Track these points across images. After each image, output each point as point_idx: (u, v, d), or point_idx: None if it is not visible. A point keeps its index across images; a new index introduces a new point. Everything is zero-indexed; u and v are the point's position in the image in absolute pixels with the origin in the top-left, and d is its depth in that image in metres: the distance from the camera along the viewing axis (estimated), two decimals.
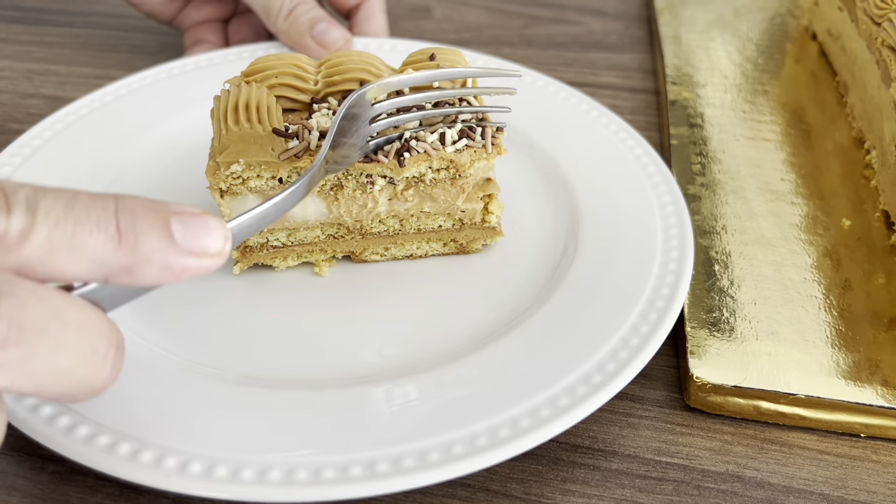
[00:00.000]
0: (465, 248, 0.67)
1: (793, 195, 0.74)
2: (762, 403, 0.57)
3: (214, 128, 0.61)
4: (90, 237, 0.37)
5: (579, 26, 1.05)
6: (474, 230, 0.66)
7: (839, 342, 0.60)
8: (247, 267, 0.65)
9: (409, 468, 0.47)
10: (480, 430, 0.50)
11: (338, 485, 0.47)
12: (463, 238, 0.66)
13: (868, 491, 0.53)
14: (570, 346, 0.56)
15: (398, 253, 0.66)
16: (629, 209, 0.68)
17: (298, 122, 0.61)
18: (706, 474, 0.54)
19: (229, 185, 0.60)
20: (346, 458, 0.48)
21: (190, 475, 0.47)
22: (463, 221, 0.65)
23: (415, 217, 0.64)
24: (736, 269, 0.66)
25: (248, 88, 0.62)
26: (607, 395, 0.52)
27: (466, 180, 0.63)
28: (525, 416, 0.51)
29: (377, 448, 0.49)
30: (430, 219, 0.65)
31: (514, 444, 0.49)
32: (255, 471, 0.47)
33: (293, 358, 0.58)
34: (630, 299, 0.59)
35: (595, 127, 0.77)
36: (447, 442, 0.49)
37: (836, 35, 0.90)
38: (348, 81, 0.64)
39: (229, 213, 0.62)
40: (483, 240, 0.67)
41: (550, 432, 0.50)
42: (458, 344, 0.59)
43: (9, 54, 0.95)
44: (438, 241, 0.66)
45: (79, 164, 0.71)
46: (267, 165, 0.59)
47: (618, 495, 0.53)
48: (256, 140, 0.59)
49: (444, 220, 0.65)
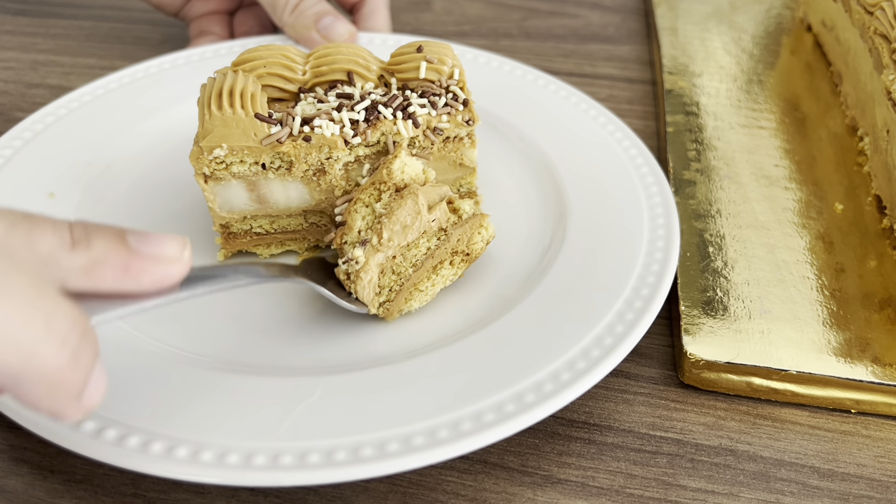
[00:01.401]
0: (468, 252, 0.62)
1: (787, 181, 0.75)
2: (754, 379, 0.58)
3: (199, 114, 0.61)
4: (44, 236, 0.39)
5: (577, 19, 1.07)
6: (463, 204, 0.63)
7: (831, 321, 0.61)
8: (230, 254, 0.66)
9: (419, 446, 0.48)
10: (487, 407, 0.51)
11: (324, 469, 0.47)
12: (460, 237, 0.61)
13: (858, 464, 0.55)
14: (567, 324, 0.57)
15: (422, 300, 0.61)
16: (615, 193, 0.69)
17: (283, 111, 0.62)
18: (699, 448, 0.55)
19: (213, 171, 0.61)
20: (359, 439, 0.49)
21: (176, 459, 0.48)
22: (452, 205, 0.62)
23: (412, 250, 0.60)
24: (730, 251, 0.67)
25: (235, 76, 0.63)
26: (607, 369, 0.53)
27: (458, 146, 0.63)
28: (529, 391, 0.52)
29: (387, 428, 0.50)
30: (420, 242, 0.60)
31: (519, 418, 0.50)
32: (241, 456, 0.48)
33: (277, 345, 0.59)
34: (623, 276, 0.60)
35: (575, 113, 0.78)
36: (454, 419, 0.50)
37: (830, 26, 0.91)
38: (336, 72, 0.65)
39: (213, 198, 0.63)
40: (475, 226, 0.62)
41: (553, 406, 0.51)
42: (456, 325, 0.60)
43: (14, 45, 0.96)
44: (441, 262, 0.61)
45: (77, 150, 0.72)
46: (249, 150, 0.60)
47: (612, 468, 0.54)
48: (239, 125, 0.60)
49: (429, 240, 0.61)
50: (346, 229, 0.59)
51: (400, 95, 0.63)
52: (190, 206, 0.70)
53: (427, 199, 0.59)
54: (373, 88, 0.65)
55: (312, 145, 0.60)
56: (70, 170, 0.70)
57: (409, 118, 0.62)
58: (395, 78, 0.65)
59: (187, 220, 0.69)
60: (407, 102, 0.62)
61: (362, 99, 0.63)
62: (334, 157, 0.61)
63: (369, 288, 0.57)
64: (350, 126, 0.61)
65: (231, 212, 0.64)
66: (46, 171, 0.70)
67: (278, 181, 0.63)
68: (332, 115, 0.61)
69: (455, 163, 0.66)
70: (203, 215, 0.68)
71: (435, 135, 0.63)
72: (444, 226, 0.60)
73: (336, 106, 0.62)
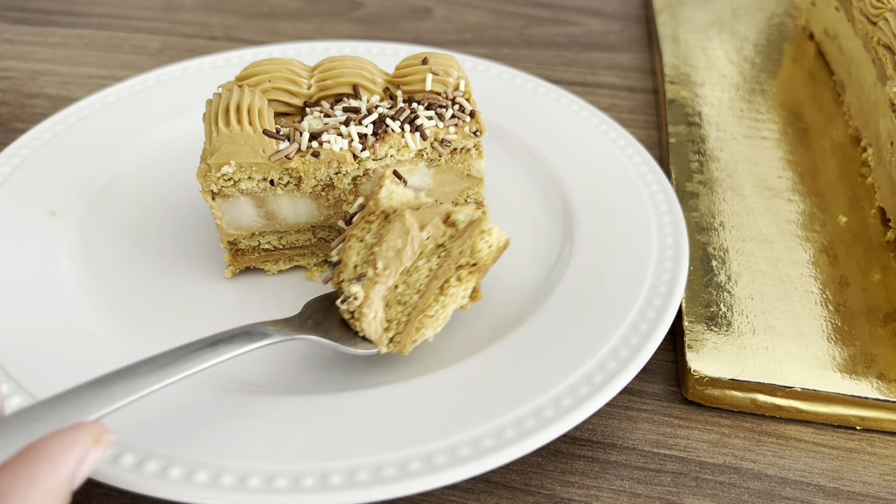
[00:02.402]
0: (475, 262, 0.56)
1: (790, 192, 0.75)
2: (759, 396, 0.57)
3: (206, 130, 0.61)
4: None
5: (579, 27, 1.06)
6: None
7: (835, 336, 0.61)
8: (238, 271, 0.65)
9: (416, 471, 0.48)
10: (485, 432, 0.50)
11: (346, 490, 0.47)
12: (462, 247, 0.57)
13: (863, 482, 0.54)
14: (571, 346, 0.57)
15: (435, 326, 0.57)
16: (623, 210, 0.69)
17: (290, 126, 0.62)
18: (704, 466, 0.55)
19: (220, 188, 0.60)
20: (353, 464, 0.48)
21: (170, 480, 0.47)
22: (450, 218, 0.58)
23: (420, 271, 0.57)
24: (733, 265, 0.67)
25: (240, 92, 0.62)
26: (610, 394, 0.53)
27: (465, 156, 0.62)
28: (529, 416, 0.51)
29: (384, 452, 0.49)
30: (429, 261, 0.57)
31: (519, 445, 0.49)
32: (236, 477, 0.47)
33: (286, 363, 0.58)
34: (629, 298, 0.60)
35: (586, 127, 0.78)
36: (453, 444, 0.49)
37: (832, 35, 0.91)
38: (341, 85, 0.64)
39: (221, 215, 0.62)
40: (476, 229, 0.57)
41: (554, 433, 0.50)
42: (459, 346, 0.59)
43: (13, 55, 0.95)
44: (447, 280, 0.56)
45: (77, 166, 0.72)
46: (258, 167, 0.59)
47: (616, 486, 0.53)
48: (247, 142, 0.59)
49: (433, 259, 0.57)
50: (342, 267, 0.57)
51: (407, 108, 0.63)
52: (196, 222, 0.69)
53: (420, 219, 0.57)
54: (379, 101, 0.64)
55: (321, 160, 0.60)
56: (71, 186, 0.70)
57: (416, 131, 0.61)
58: (401, 90, 0.65)
59: (194, 237, 0.68)
60: (414, 115, 0.62)
61: (369, 112, 0.62)
62: (343, 172, 0.61)
63: (375, 323, 0.55)
64: (358, 140, 0.60)
65: (239, 228, 0.63)
66: (46, 188, 0.69)
67: (287, 197, 0.62)
68: (340, 130, 0.61)
69: (462, 174, 0.65)
70: (210, 231, 0.68)
71: (443, 146, 0.62)
72: (440, 241, 0.57)
73: (343, 120, 0.61)
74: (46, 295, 0.60)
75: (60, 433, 0.39)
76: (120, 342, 0.58)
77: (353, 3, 1.10)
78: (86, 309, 0.60)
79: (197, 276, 0.65)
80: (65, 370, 0.54)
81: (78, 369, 0.54)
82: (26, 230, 0.65)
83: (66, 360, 0.55)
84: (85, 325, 0.59)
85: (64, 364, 0.55)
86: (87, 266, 0.64)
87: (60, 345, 0.56)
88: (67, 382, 0.53)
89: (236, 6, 1.08)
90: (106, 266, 0.65)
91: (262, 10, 1.07)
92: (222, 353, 0.49)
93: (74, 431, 0.40)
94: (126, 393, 0.45)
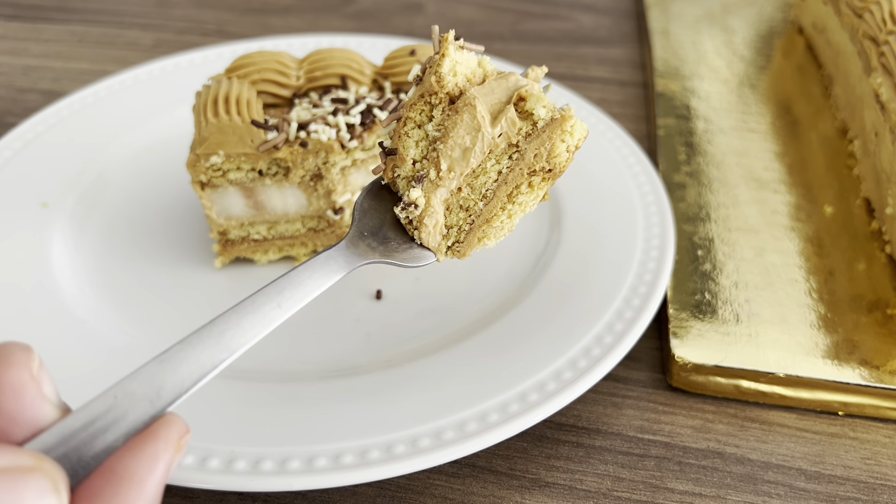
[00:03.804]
0: (551, 168, 0.48)
1: (777, 184, 0.76)
2: (742, 382, 0.58)
3: (195, 121, 0.62)
4: None
5: (570, 21, 1.07)
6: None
7: (819, 324, 0.61)
8: (228, 261, 0.66)
9: (401, 454, 0.48)
10: (470, 416, 0.51)
11: (331, 473, 0.47)
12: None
13: (845, 466, 0.55)
14: (556, 333, 0.57)
15: (498, 235, 0.51)
16: (611, 200, 0.69)
17: (279, 116, 0.62)
18: (687, 451, 0.55)
19: (210, 178, 0.61)
20: (339, 447, 0.49)
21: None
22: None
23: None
24: (719, 254, 0.67)
25: (229, 83, 0.63)
26: (593, 379, 0.53)
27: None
28: (514, 400, 0.52)
29: (369, 436, 0.49)
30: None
31: (503, 428, 0.50)
32: (222, 460, 0.48)
33: (276, 351, 0.58)
34: (614, 286, 0.61)
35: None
36: (437, 428, 0.50)
37: (821, 28, 0.92)
38: (330, 77, 0.65)
39: (211, 205, 0.62)
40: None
41: (539, 416, 0.51)
42: (445, 334, 0.60)
43: (6, 50, 0.96)
44: (518, 187, 0.49)
45: (68, 159, 0.73)
46: (246, 157, 0.60)
47: (601, 471, 0.54)
48: (236, 132, 0.60)
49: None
50: (398, 160, 0.49)
51: (395, 99, 0.63)
52: (185, 213, 0.70)
53: (489, 105, 0.47)
54: (367, 92, 0.65)
55: (309, 150, 0.60)
56: (63, 179, 0.70)
57: None
58: (389, 82, 0.65)
59: (183, 227, 0.69)
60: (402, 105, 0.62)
61: (357, 103, 0.63)
62: (331, 162, 0.61)
63: (435, 232, 0.48)
64: (346, 130, 0.61)
65: (229, 218, 0.64)
66: (38, 180, 0.70)
67: (275, 187, 0.63)
68: (328, 120, 0.61)
69: None
70: (199, 222, 0.68)
71: None
72: (514, 140, 0.48)
73: (332, 110, 0.62)
74: (38, 285, 0.61)
75: (142, 445, 0.34)
76: (112, 332, 0.58)
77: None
78: (77, 298, 0.61)
79: (187, 267, 0.65)
80: (59, 360, 0.54)
81: (71, 359, 0.55)
82: (18, 221, 0.66)
83: (60, 350, 0.56)
84: (77, 315, 0.59)
85: (58, 354, 0.55)
86: (79, 257, 0.65)
87: (52, 334, 0.57)
88: (61, 372, 0.54)
89: (229, 2, 1.09)
90: (97, 257, 0.65)
91: (254, 6, 1.08)
92: (308, 293, 0.44)
93: (156, 441, 0.34)
94: (209, 365, 0.38)
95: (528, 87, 0.48)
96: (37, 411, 0.32)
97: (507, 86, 0.48)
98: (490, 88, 0.47)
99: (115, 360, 0.55)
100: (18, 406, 0.31)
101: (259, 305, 0.41)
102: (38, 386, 0.32)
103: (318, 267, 0.45)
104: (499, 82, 0.48)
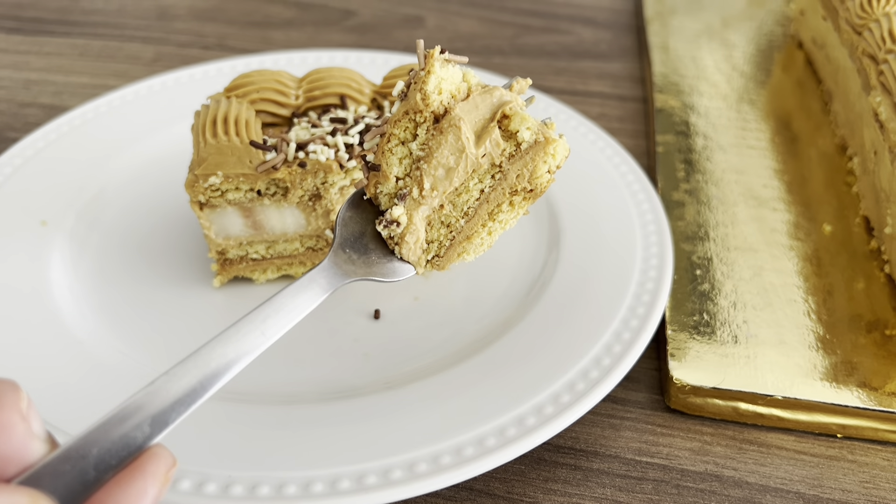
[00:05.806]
0: (532, 188, 0.50)
1: (776, 201, 0.76)
2: (740, 404, 0.58)
3: (194, 141, 0.62)
4: None
5: (570, 35, 1.07)
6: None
7: (817, 345, 0.61)
8: (227, 280, 0.66)
9: (398, 479, 0.48)
10: (467, 441, 0.51)
11: (328, 498, 0.47)
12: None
13: (843, 490, 0.55)
14: (553, 355, 0.57)
15: (478, 251, 0.53)
16: (609, 219, 0.69)
17: (277, 136, 0.62)
18: (685, 474, 0.55)
19: (208, 198, 0.61)
20: (335, 472, 0.49)
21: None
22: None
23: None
24: (717, 274, 0.67)
25: (228, 103, 0.63)
26: (591, 403, 0.53)
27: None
28: (511, 425, 0.52)
29: (365, 461, 0.49)
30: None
31: (500, 453, 0.50)
32: (219, 485, 0.48)
33: (274, 373, 0.58)
34: (612, 307, 0.60)
35: (574, 136, 0.78)
36: (435, 453, 0.50)
37: (820, 44, 0.92)
38: (328, 96, 0.65)
39: (209, 225, 0.62)
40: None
41: (536, 440, 0.51)
42: (444, 355, 0.60)
43: (7, 64, 0.96)
44: (499, 205, 0.51)
45: (67, 175, 0.73)
46: (245, 177, 0.60)
47: (598, 494, 0.54)
48: (234, 152, 0.60)
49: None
50: (381, 177, 0.49)
51: None
52: (184, 232, 0.70)
53: (473, 123, 0.48)
54: (366, 112, 0.65)
55: (308, 171, 0.60)
56: (62, 196, 0.70)
57: None
58: (388, 100, 0.65)
59: (182, 246, 0.69)
60: None
61: (356, 122, 0.63)
62: (330, 182, 0.61)
63: (416, 248, 0.50)
64: (345, 150, 0.61)
65: (227, 238, 0.64)
66: (37, 197, 0.70)
67: (274, 207, 0.63)
68: (327, 140, 0.61)
69: None
70: (198, 241, 0.69)
71: None
72: (497, 160, 0.48)
73: (330, 130, 0.62)
74: (36, 304, 0.61)
75: (130, 479, 0.34)
76: (111, 351, 0.58)
77: (346, 11, 1.11)
78: (75, 318, 0.61)
79: (186, 286, 0.65)
80: (55, 380, 0.54)
81: (68, 379, 0.55)
82: (17, 240, 0.66)
83: (57, 370, 0.56)
84: (75, 334, 0.59)
85: (54, 374, 0.55)
86: (77, 275, 0.65)
87: (50, 354, 0.57)
88: (57, 393, 0.54)
89: (230, 15, 1.09)
90: (96, 275, 0.65)
91: (255, 20, 1.08)
92: (285, 319, 0.45)
93: (144, 476, 0.34)
94: (194, 395, 0.39)
95: (513, 103, 0.48)
96: (26, 449, 0.33)
97: (492, 101, 0.48)
98: (474, 104, 0.48)
99: (113, 381, 0.55)
100: (9, 446, 0.32)
101: (244, 334, 0.43)
102: (28, 425, 0.33)
103: (301, 291, 0.47)
104: (483, 98, 0.48)
